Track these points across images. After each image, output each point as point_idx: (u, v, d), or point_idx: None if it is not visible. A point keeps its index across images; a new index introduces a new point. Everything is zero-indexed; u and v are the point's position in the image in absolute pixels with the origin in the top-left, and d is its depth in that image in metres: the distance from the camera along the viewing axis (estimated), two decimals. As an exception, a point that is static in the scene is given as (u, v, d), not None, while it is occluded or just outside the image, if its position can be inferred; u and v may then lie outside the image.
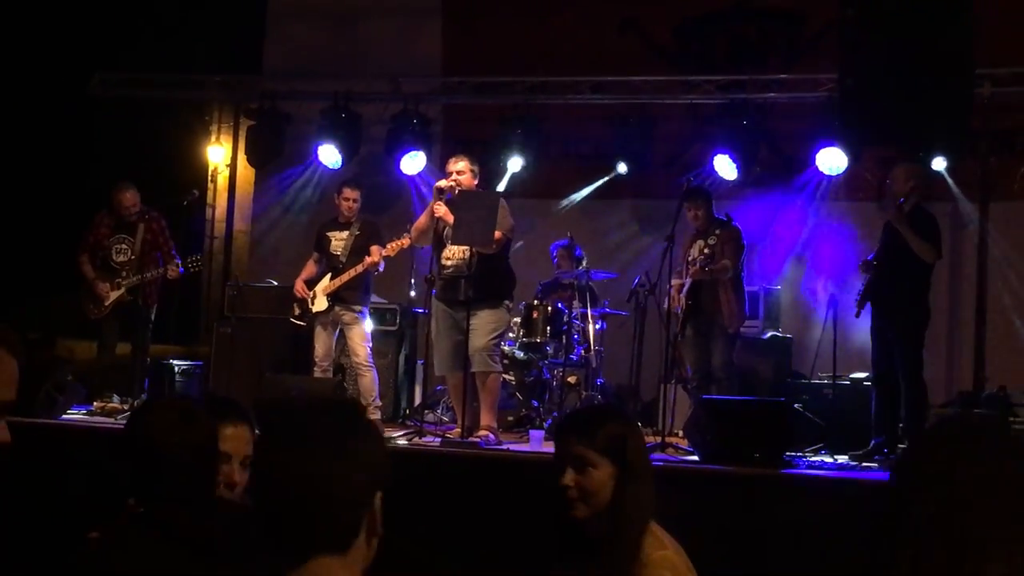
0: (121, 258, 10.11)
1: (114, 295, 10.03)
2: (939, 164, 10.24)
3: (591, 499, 3.31)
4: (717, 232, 9.18)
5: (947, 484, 2.06)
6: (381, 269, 9.46)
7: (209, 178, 13.35)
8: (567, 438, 3.40)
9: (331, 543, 2.10)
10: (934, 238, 8.38)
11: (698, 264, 9.14)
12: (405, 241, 9.23)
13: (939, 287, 9.31)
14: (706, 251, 9.12)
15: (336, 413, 2.22)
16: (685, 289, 9.23)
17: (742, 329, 9.62)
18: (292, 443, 2.14)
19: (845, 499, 7.10)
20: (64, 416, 9.01)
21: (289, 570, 2.05)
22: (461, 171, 8.74)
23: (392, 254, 9.35)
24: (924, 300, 8.41)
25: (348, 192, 9.68)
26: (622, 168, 11.44)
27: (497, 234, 8.42)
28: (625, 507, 3.28)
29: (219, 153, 13.28)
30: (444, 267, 8.74)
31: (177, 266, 9.98)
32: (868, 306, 8.50)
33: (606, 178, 11.73)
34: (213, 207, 13.38)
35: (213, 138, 13.31)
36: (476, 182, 8.86)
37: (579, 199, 12.14)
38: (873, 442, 8.39)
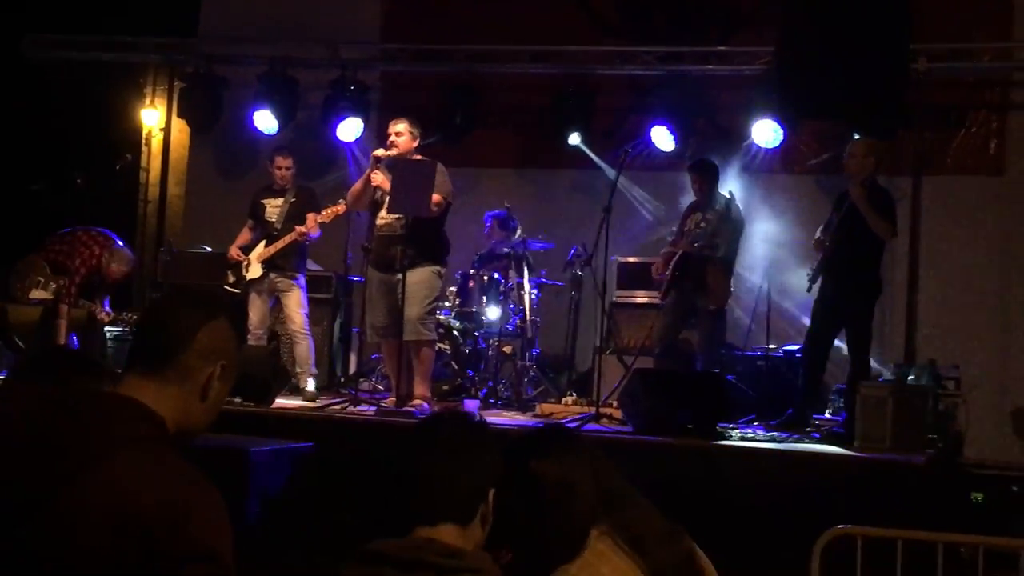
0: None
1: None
2: (872, 135, 10.26)
3: None
4: (716, 208, 9.17)
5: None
6: (316, 237, 9.39)
7: (143, 141, 13.16)
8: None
9: (455, 516, 2.62)
10: (892, 215, 8.44)
11: (690, 238, 9.14)
12: (340, 208, 9.17)
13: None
14: (702, 225, 9.11)
15: (470, 425, 2.83)
16: (675, 260, 9.22)
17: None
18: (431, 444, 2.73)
19: (775, 470, 7.18)
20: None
21: (420, 526, 2.60)
22: (400, 132, 8.69)
23: (328, 220, 9.29)
24: (877, 274, 8.49)
25: (280, 160, 9.61)
26: (574, 139, 11.41)
27: (436, 197, 8.38)
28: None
29: (154, 116, 13.10)
30: (378, 228, 8.70)
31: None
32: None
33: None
34: (147, 171, 13.20)
35: (148, 101, 13.11)
36: (416, 144, 8.81)
37: (516, 168, 12.12)
38: (789, 411, 8.50)
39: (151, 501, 2.22)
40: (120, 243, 10.05)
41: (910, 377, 8.89)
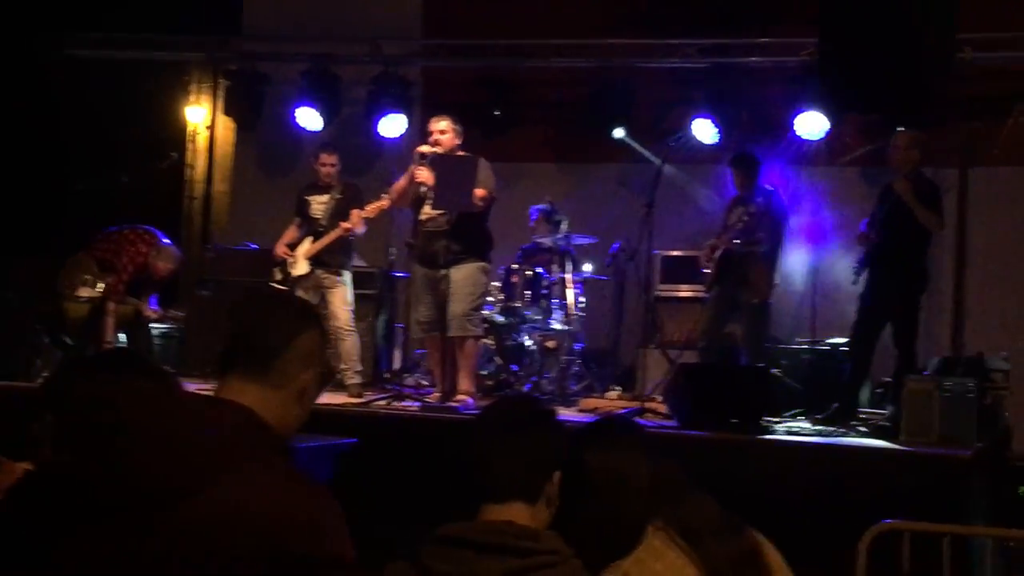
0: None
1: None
2: (917, 127, 10.16)
3: None
4: (759, 201, 9.14)
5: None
6: (361, 232, 9.42)
7: (188, 138, 13.24)
8: None
9: (524, 495, 2.76)
10: (939, 207, 8.39)
11: (732, 233, 9.12)
12: (385, 203, 9.17)
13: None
14: (744, 219, 9.09)
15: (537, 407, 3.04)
16: (717, 254, 9.21)
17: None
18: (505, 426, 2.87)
19: (821, 464, 7.15)
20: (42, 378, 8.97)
21: (490, 502, 2.76)
22: (443, 130, 8.71)
23: (372, 215, 9.29)
24: (924, 266, 8.45)
25: (325, 157, 9.64)
26: (619, 133, 11.39)
27: (481, 191, 8.41)
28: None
29: (199, 113, 13.18)
30: (423, 224, 8.72)
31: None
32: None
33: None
34: (192, 168, 13.29)
35: (192, 98, 13.20)
36: (459, 142, 8.82)
37: (557, 164, 12.12)
38: (835, 406, 8.45)
39: (286, 515, 2.24)
40: (166, 241, 10.13)
41: (957, 370, 8.82)
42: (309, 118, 11.96)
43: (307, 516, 2.27)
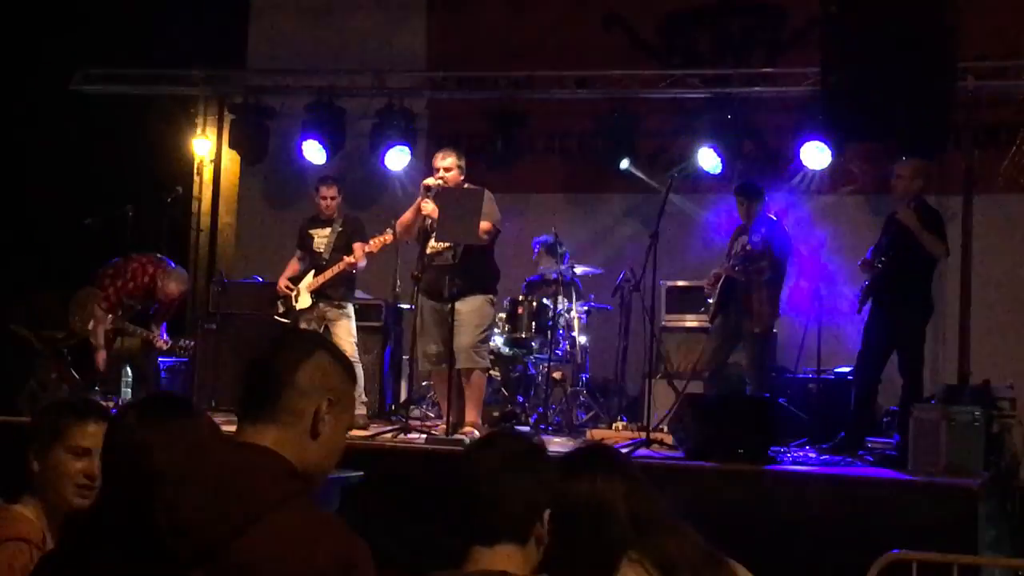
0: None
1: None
2: (920, 155, 10.17)
3: None
4: (762, 231, 9.15)
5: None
6: (363, 266, 9.44)
7: (195, 171, 13.29)
8: None
9: (512, 536, 2.64)
10: (943, 235, 8.41)
11: (734, 262, 9.13)
12: (389, 237, 9.20)
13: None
14: (747, 248, 9.10)
15: (525, 444, 2.83)
16: (720, 283, 9.22)
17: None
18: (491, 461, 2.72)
19: (829, 494, 7.13)
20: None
21: (479, 544, 2.64)
22: (449, 167, 8.73)
23: (375, 250, 9.33)
24: (928, 294, 8.46)
25: (325, 190, 9.67)
26: (625, 164, 11.40)
27: (486, 224, 8.43)
28: None
29: (205, 146, 13.22)
30: (429, 258, 8.74)
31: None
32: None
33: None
34: (199, 200, 13.33)
35: (199, 130, 13.24)
36: (463, 177, 8.85)
37: (563, 193, 12.15)
38: (841, 435, 8.45)
39: (324, 558, 2.29)
40: (173, 264, 10.17)
41: (963, 398, 8.80)
42: (314, 151, 11.98)
43: (347, 559, 2.32)
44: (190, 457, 2.50)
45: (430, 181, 8.70)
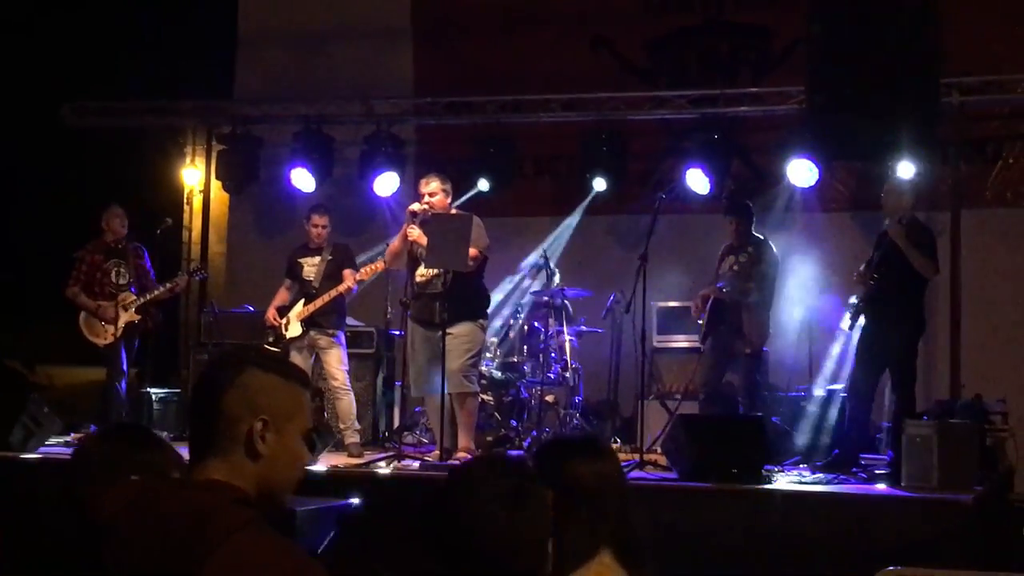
0: (121, 281, 10.13)
1: (125, 316, 10.04)
2: (908, 172, 10.21)
3: None
4: (749, 250, 9.15)
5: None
6: (354, 293, 9.46)
7: (185, 200, 13.31)
8: None
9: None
10: (933, 253, 8.43)
11: (722, 284, 9.12)
12: (379, 265, 9.22)
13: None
14: (735, 268, 9.09)
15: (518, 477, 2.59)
16: (708, 304, 9.22)
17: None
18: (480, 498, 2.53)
19: (823, 512, 7.14)
20: (42, 449, 8.95)
21: None
22: (433, 192, 8.75)
23: (366, 279, 9.35)
24: (920, 311, 8.47)
25: (316, 219, 9.69)
26: (599, 185, 11.42)
27: (473, 251, 8.44)
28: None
29: (194, 176, 13.23)
30: (418, 285, 8.75)
31: (176, 285, 10.23)
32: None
33: (587, 199, 11.66)
34: (189, 230, 13.34)
35: (188, 161, 13.26)
36: (449, 201, 8.87)
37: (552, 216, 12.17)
38: (835, 452, 8.45)
39: None
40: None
41: (956, 413, 8.82)
42: (303, 179, 11.98)
43: None
44: (133, 508, 2.44)
45: (415, 207, 8.71)
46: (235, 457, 2.44)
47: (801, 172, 10.62)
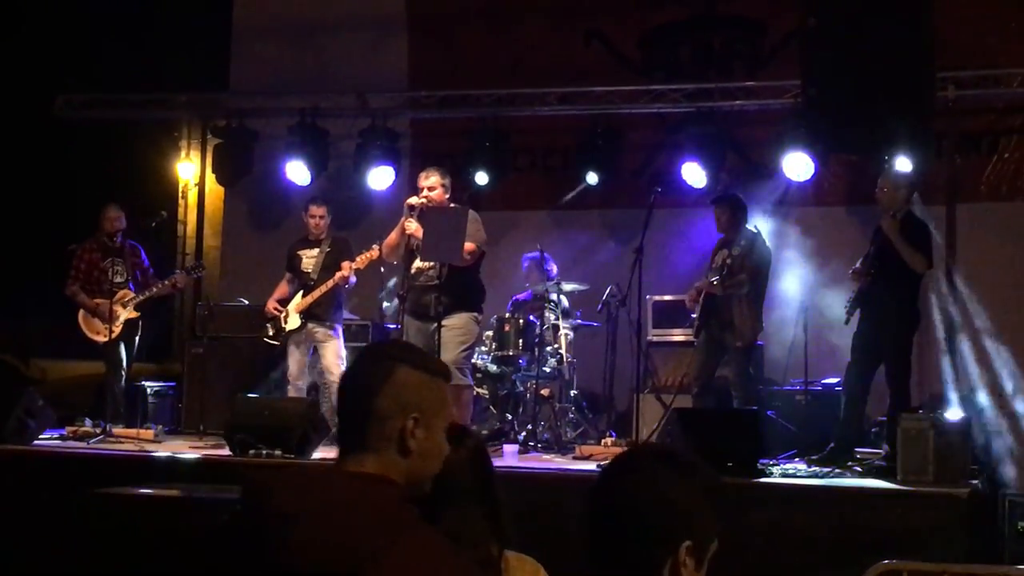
0: (119, 279, 10.10)
1: (124, 314, 10.02)
2: (904, 166, 10.20)
3: None
4: (741, 244, 9.15)
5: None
6: (353, 283, 9.46)
7: (180, 194, 13.30)
8: None
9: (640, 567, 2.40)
10: (925, 247, 8.42)
11: (714, 277, 9.11)
12: (375, 252, 9.20)
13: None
14: (728, 261, 9.07)
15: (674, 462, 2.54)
16: (701, 299, 9.21)
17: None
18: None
19: (819, 506, 7.14)
20: (36, 442, 8.94)
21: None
22: (432, 186, 8.74)
23: (362, 266, 9.34)
24: (915, 306, 8.47)
25: (314, 210, 9.70)
26: (592, 179, 11.42)
27: (470, 246, 8.44)
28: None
29: (189, 169, 13.24)
30: (414, 278, 8.74)
31: (175, 282, 10.27)
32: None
33: (576, 190, 11.67)
34: (184, 223, 13.33)
35: (183, 154, 13.25)
36: (448, 196, 8.86)
37: (548, 210, 12.16)
38: (830, 446, 8.45)
39: None
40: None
41: (951, 408, 8.82)
42: (298, 172, 11.97)
43: None
44: (305, 495, 2.44)
45: (413, 200, 8.70)
46: (387, 453, 2.48)
47: (796, 166, 10.61)
